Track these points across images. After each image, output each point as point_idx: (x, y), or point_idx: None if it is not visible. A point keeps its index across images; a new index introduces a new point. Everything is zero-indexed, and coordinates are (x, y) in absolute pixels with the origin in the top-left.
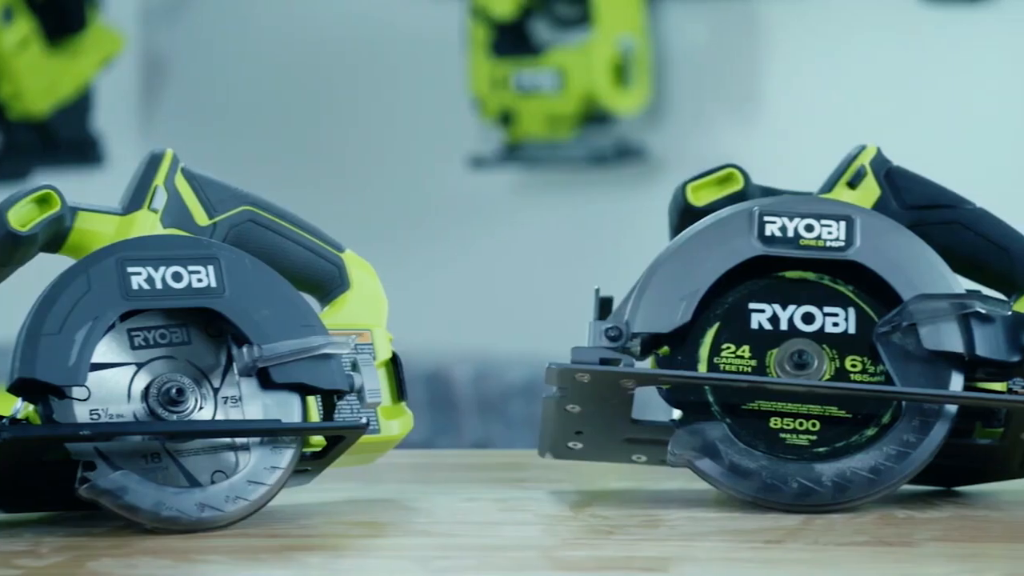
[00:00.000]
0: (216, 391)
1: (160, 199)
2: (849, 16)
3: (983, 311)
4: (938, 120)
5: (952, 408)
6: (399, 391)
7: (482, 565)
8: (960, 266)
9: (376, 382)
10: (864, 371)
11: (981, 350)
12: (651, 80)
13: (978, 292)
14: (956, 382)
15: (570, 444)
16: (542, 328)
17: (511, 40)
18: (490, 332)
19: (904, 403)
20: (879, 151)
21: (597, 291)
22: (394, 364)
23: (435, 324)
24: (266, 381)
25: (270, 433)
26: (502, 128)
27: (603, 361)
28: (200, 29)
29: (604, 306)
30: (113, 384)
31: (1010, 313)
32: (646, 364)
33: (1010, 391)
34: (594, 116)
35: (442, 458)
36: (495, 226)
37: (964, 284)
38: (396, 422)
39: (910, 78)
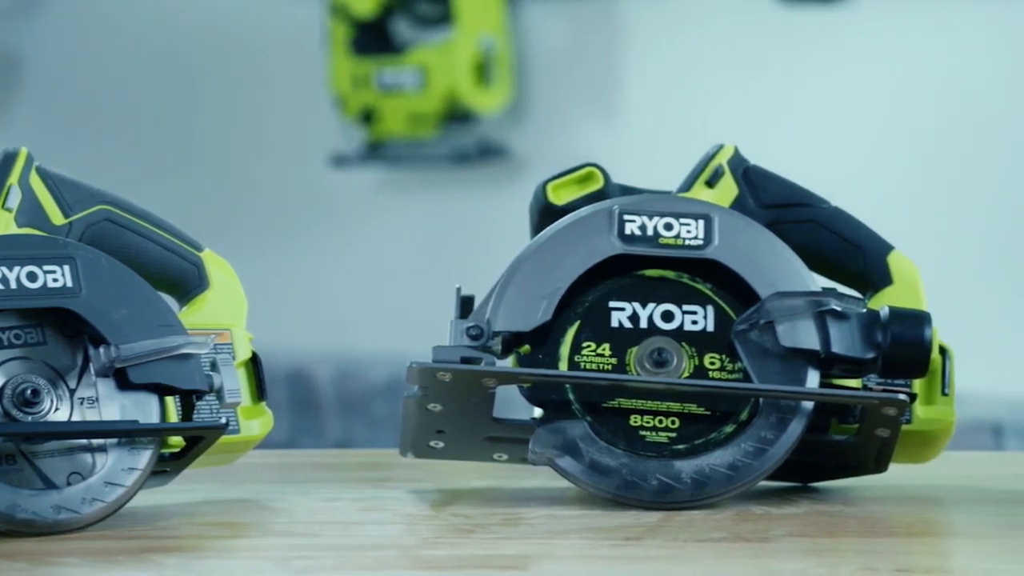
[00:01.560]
0: (72, 392)
1: (14, 198)
2: (707, 16)
3: (838, 309)
4: (795, 119)
5: (808, 405)
6: (259, 391)
7: (342, 564)
8: (816, 264)
9: (236, 382)
10: (722, 368)
11: (837, 347)
12: (513, 79)
13: (834, 290)
14: (812, 379)
15: (431, 443)
16: (404, 327)
17: (372, 39)
18: (352, 331)
19: (761, 400)
20: (736, 150)
21: (458, 290)
22: (254, 364)
23: (296, 323)
24: (124, 382)
25: (127, 434)
26: (364, 127)
27: (464, 360)
28: (56, 26)
29: (465, 305)
30: None
31: (865, 311)
32: (507, 363)
33: (865, 388)
34: (456, 115)
35: (303, 458)
36: (357, 225)
37: (820, 282)
38: (256, 422)
39: (768, 77)
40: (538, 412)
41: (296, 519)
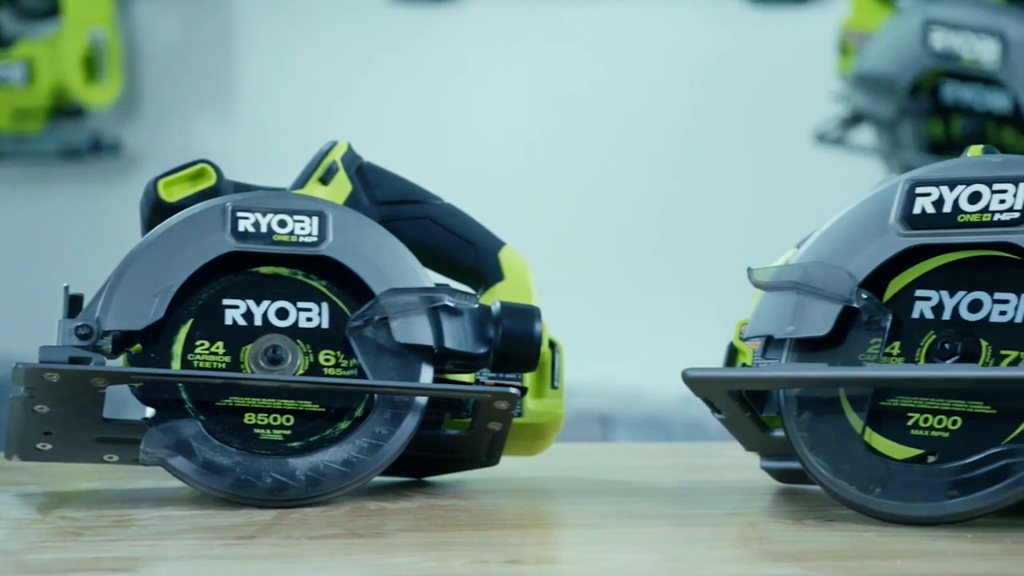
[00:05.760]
0: None
1: None
2: (321, 13)
3: (451, 304)
4: (408, 115)
5: (422, 400)
6: None
7: None
8: (430, 260)
9: None
10: (337, 365)
11: (450, 342)
12: (124, 73)
13: (447, 286)
14: (426, 374)
15: (39, 445)
16: (11, 327)
17: None
18: None
19: (376, 396)
20: (350, 147)
21: (66, 288)
22: None
23: None
24: None
25: None
26: None
27: (73, 360)
28: None
29: (74, 304)
30: None
31: (477, 306)
32: (118, 362)
33: (477, 382)
34: (66, 109)
35: None
36: None
37: (434, 277)
38: None
39: (382, 74)
40: (150, 412)
41: None
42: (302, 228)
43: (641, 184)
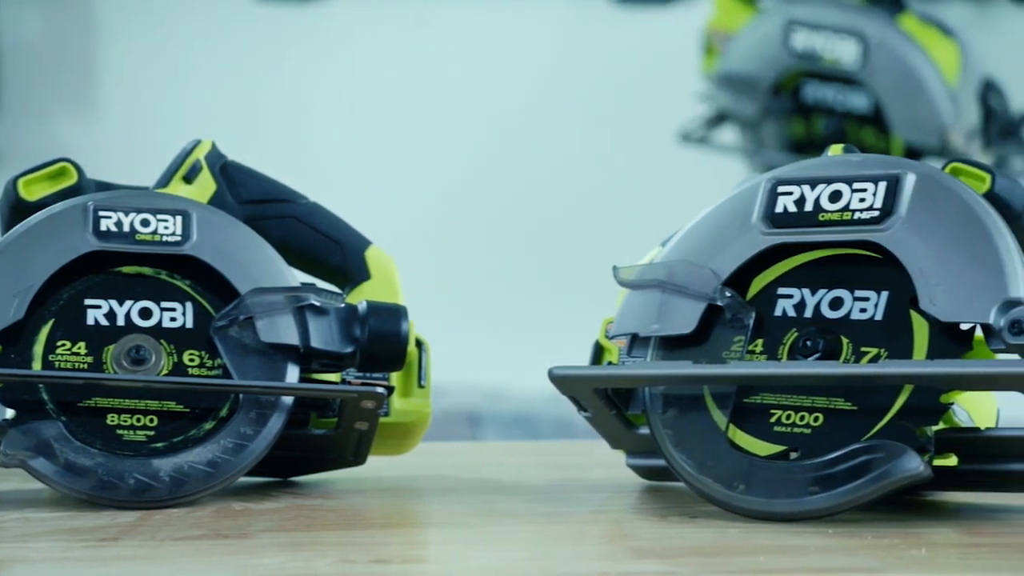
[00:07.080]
0: None
1: None
2: (185, 11)
3: (318, 304)
4: (275, 114)
5: (288, 400)
6: None
7: None
8: (296, 259)
9: None
10: (202, 365)
11: (316, 342)
12: None
13: (313, 285)
14: (292, 374)
15: None
16: None
17: None
18: None
19: (241, 396)
20: (214, 145)
21: None
22: None
23: None
24: None
25: None
26: None
27: None
28: None
29: None
30: None
31: (343, 305)
32: None
33: (344, 381)
34: None
35: None
36: None
37: (301, 277)
38: None
39: (247, 73)
40: (10, 413)
41: None
42: (165, 227)
43: (507, 182)
